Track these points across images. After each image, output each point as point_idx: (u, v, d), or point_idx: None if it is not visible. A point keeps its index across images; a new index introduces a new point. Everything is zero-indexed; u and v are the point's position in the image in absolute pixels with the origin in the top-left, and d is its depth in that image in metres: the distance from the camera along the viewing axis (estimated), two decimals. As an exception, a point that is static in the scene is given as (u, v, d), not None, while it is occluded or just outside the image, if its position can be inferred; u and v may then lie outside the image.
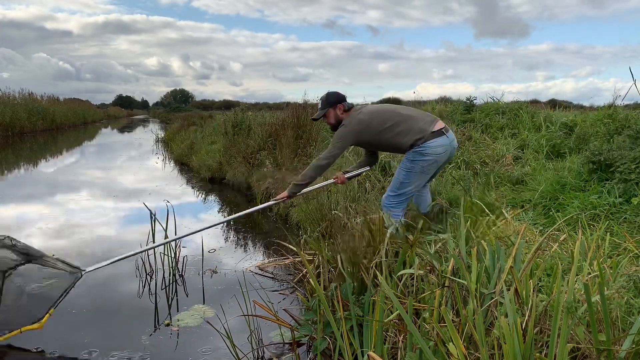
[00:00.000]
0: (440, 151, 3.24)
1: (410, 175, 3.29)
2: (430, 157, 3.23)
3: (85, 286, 3.53)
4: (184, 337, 2.80)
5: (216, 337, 2.67)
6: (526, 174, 4.64)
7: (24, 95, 23.99)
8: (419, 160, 3.25)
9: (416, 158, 3.25)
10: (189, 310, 3.15)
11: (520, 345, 1.56)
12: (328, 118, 3.48)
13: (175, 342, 2.75)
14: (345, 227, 3.19)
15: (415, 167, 3.27)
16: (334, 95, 3.47)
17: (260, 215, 6.09)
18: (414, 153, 3.26)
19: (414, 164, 3.27)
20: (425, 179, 3.38)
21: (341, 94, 3.52)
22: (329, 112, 3.45)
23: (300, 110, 7.68)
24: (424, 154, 3.23)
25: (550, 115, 7.22)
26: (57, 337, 2.77)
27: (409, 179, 3.30)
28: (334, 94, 3.49)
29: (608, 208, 3.40)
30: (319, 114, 3.50)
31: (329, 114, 3.46)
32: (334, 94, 3.48)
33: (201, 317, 3.05)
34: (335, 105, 3.43)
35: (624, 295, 1.91)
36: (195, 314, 3.10)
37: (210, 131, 12.16)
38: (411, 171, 3.28)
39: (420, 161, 3.24)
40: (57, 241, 4.72)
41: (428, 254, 2.48)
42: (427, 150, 3.22)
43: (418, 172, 3.27)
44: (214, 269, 3.96)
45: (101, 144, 18.62)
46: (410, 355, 1.85)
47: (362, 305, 2.40)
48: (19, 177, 9.48)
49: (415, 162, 3.26)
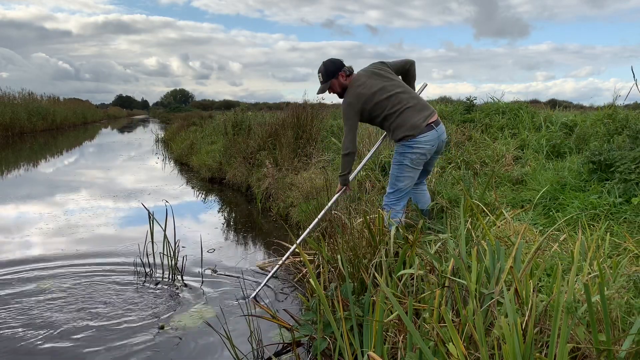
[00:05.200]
0: (428, 146, 3.30)
1: (402, 169, 3.34)
2: (417, 150, 3.29)
3: (85, 285, 3.53)
4: (184, 338, 2.79)
5: (216, 337, 2.66)
6: (526, 174, 4.63)
7: (24, 95, 24.00)
8: (408, 153, 3.30)
9: (405, 151, 3.31)
10: (188, 312, 3.15)
11: (520, 345, 1.56)
12: (333, 88, 3.43)
13: (175, 342, 2.74)
14: (345, 227, 3.19)
15: (404, 160, 3.32)
16: (332, 65, 3.39)
17: (260, 215, 6.09)
18: (403, 146, 3.32)
19: (403, 157, 3.33)
20: (417, 172, 3.41)
21: (338, 60, 3.44)
22: (333, 83, 3.40)
23: (300, 110, 7.67)
24: (412, 147, 3.29)
25: (550, 115, 7.21)
26: (54, 337, 2.77)
27: (401, 173, 3.35)
28: (332, 63, 3.40)
29: (608, 208, 3.39)
30: (323, 88, 3.42)
31: (333, 85, 3.41)
32: (332, 64, 3.39)
33: (200, 318, 3.04)
34: (336, 74, 3.37)
35: (624, 295, 1.91)
36: (194, 315, 3.09)
37: (210, 131, 12.16)
38: (402, 164, 3.34)
39: (409, 154, 3.30)
40: (57, 241, 4.71)
41: (428, 254, 2.48)
42: (414, 144, 3.28)
43: (408, 165, 3.32)
44: (213, 268, 3.96)
45: (101, 144, 18.62)
46: (410, 355, 1.85)
47: (362, 305, 2.40)
48: (19, 177, 9.47)
49: (404, 155, 3.32)
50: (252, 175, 7.41)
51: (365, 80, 3.36)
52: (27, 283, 3.58)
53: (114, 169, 10.69)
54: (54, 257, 4.17)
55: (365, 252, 2.82)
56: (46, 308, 3.14)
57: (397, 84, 3.40)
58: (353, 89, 3.35)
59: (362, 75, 3.40)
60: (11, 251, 4.37)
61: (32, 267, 3.92)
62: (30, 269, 3.87)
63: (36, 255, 4.25)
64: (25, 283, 3.58)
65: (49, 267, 3.93)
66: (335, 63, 3.40)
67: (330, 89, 3.43)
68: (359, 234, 2.97)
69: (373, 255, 2.76)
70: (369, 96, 3.31)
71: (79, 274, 3.78)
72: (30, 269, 3.87)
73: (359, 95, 3.31)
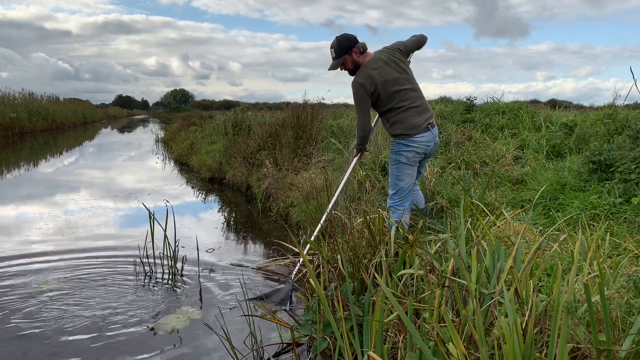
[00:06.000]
0: (423, 145, 3.36)
1: (400, 168, 3.38)
2: (413, 149, 3.34)
3: (84, 286, 3.53)
4: (182, 339, 2.79)
5: (215, 338, 2.66)
6: (526, 174, 4.64)
7: (24, 95, 24.00)
8: (403, 151, 3.35)
9: (400, 149, 3.36)
10: (188, 312, 3.14)
11: (520, 345, 1.56)
12: (345, 65, 3.36)
13: (174, 343, 2.74)
14: (345, 227, 3.19)
15: (401, 158, 3.36)
16: (346, 40, 3.31)
17: (260, 215, 6.09)
18: (398, 144, 3.37)
19: (399, 155, 3.37)
20: (414, 170, 3.45)
21: (352, 35, 3.36)
22: (346, 60, 3.33)
23: (300, 110, 7.67)
24: (408, 145, 3.33)
25: (550, 115, 7.22)
26: (51, 338, 2.77)
27: (400, 172, 3.39)
28: (345, 38, 3.33)
29: (608, 208, 3.39)
30: (335, 63, 3.35)
31: (346, 61, 3.34)
32: (345, 39, 3.32)
33: (199, 318, 3.04)
34: (349, 50, 3.30)
35: (624, 295, 1.91)
36: (194, 315, 3.09)
37: (210, 131, 12.16)
38: (399, 162, 3.37)
39: (404, 152, 3.34)
40: (56, 241, 4.71)
41: (428, 254, 2.48)
42: (410, 142, 3.33)
43: (405, 163, 3.36)
44: (212, 268, 3.96)
45: (101, 144, 18.62)
46: (410, 355, 1.85)
47: (362, 305, 2.39)
48: (18, 177, 9.47)
49: (399, 153, 3.36)
50: (252, 175, 7.41)
51: (382, 65, 3.31)
52: (26, 282, 3.57)
53: (114, 169, 10.69)
54: (53, 257, 4.16)
55: (365, 252, 2.82)
56: (46, 308, 3.14)
57: (409, 79, 3.39)
58: (367, 70, 3.29)
59: (379, 59, 3.34)
60: (10, 249, 4.36)
61: (32, 265, 3.92)
62: (30, 269, 3.87)
63: (35, 253, 4.25)
64: (24, 282, 3.57)
65: (50, 266, 3.93)
66: (350, 39, 3.32)
67: (343, 65, 3.35)
68: (359, 234, 2.97)
69: (373, 255, 2.76)
70: (381, 83, 3.28)
71: (79, 273, 3.78)
72: (30, 269, 3.87)
73: (372, 78, 3.26)
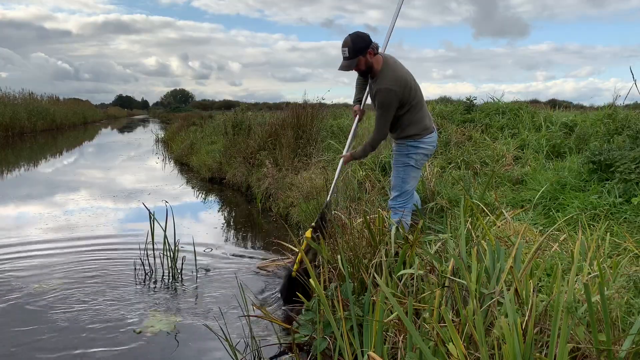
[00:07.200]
0: (431, 147, 3.36)
1: (407, 171, 3.35)
2: (422, 151, 3.32)
3: (84, 286, 3.53)
4: (181, 340, 2.79)
5: (215, 338, 2.66)
6: (526, 174, 4.64)
7: (24, 95, 24.00)
8: (413, 154, 3.31)
9: (410, 151, 3.32)
10: (187, 312, 3.13)
11: (520, 345, 1.56)
12: (359, 65, 3.14)
13: (173, 344, 2.74)
14: (345, 227, 3.19)
15: (410, 161, 3.33)
16: (361, 40, 3.08)
17: (260, 215, 6.09)
18: (407, 146, 3.31)
19: (409, 158, 3.33)
20: (419, 173, 3.45)
21: (366, 34, 3.12)
22: (360, 61, 3.10)
23: (300, 110, 7.68)
24: (417, 147, 3.30)
25: (550, 115, 7.21)
26: (50, 338, 2.77)
27: (407, 174, 3.36)
28: (361, 38, 3.09)
29: (608, 208, 3.39)
30: (348, 64, 3.12)
31: (360, 63, 3.11)
32: (360, 39, 3.08)
33: (198, 318, 3.03)
34: (364, 51, 3.07)
35: (624, 295, 1.91)
36: (193, 315, 3.09)
37: (210, 131, 12.15)
38: (407, 165, 3.34)
39: (414, 154, 3.31)
40: (56, 241, 4.70)
41: (428, 254, 2.48)
42: (420, 144, 3.31)
43: (413, 166, 3.34)
44: (212, 268, 3.96)
45: (101, 144, 18.61)
46: (410, 355, 1.85)
47: (362, 305, 2.39)
48: (18, 177, 9.47)
49: (409, 155, 3.32)
50: (252, 175, 7.41)
51: (400, 64, 3.22)
52: (26, 282, 3.57)
53: (114, 169, 10.69)
54: (53, 257, 4.16)
55: (365, 252, 2.82)
56: (46, 308, 3.14)
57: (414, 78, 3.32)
58: (392, 73, 3.11)
59: (392, 58, 3.22)
60: (10, 249, 4.36)
61: (32, 265, 3.92)
62: (30, 268, 3.86)
63: (36, 253, 4.24)
64: (24, 282, 3.57)
65: (50, 266, 3.93)
66: (365, 38, 3.09)
67: (356, 66, 3.13)
68: (359, 234, 2.97)
69: (373, 255, 2.76)
70: (408, 82, 3.14)
71: (79, 274, 3.77)
72: (30, 268, 3.86)
73: (401, 81, 3.09)
